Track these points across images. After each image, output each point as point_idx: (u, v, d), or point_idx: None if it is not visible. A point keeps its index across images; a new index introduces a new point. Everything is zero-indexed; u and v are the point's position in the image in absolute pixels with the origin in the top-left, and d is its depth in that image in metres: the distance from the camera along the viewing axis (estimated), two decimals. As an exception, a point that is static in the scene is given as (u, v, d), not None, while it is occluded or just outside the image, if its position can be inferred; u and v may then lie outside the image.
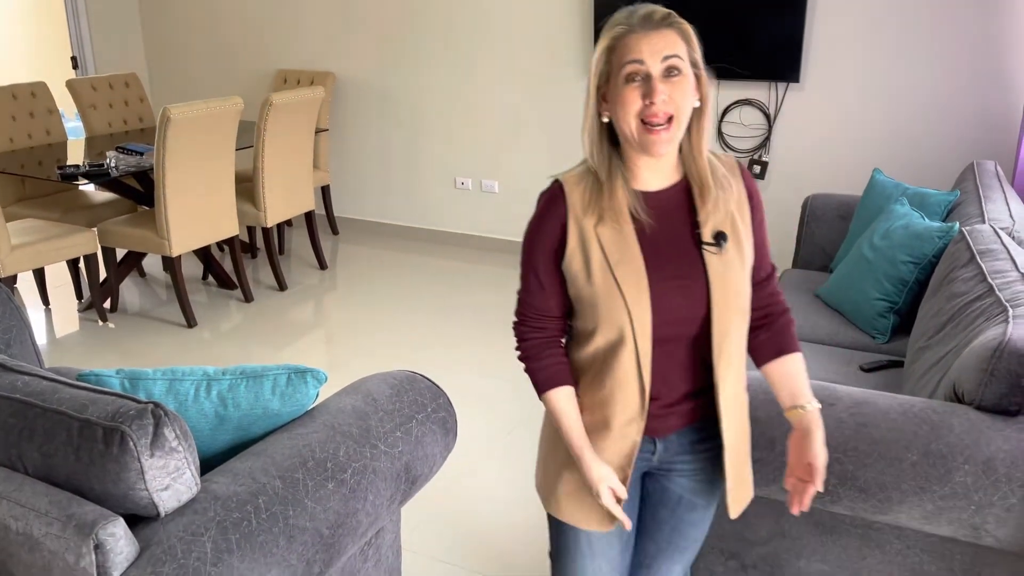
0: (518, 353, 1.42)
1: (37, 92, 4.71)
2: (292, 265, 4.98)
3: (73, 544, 1.24)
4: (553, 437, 1.46)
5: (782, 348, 1.43)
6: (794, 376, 1.42)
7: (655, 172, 1.32)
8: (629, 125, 1.24)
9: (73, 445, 1.33)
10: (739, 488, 1.43)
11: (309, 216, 4.81)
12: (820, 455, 1.35)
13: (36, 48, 7.26)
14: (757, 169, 4.25)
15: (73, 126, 5.52)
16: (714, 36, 4.09)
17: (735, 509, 1.43)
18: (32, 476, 1.38)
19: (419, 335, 3.90)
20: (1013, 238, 2.45)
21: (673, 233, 1.32)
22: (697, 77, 1.27)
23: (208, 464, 1.61)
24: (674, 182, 1.34)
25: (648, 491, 1.51)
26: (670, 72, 1.23)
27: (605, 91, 1.28)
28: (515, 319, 1.43)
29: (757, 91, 4.18)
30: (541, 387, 1.40)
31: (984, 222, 2.54)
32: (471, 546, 2.43)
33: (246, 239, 5.19)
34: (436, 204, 5.32)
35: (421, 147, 5.21)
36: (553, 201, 1.33)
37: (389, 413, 1.77)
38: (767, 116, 4.19)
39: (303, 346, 3.85)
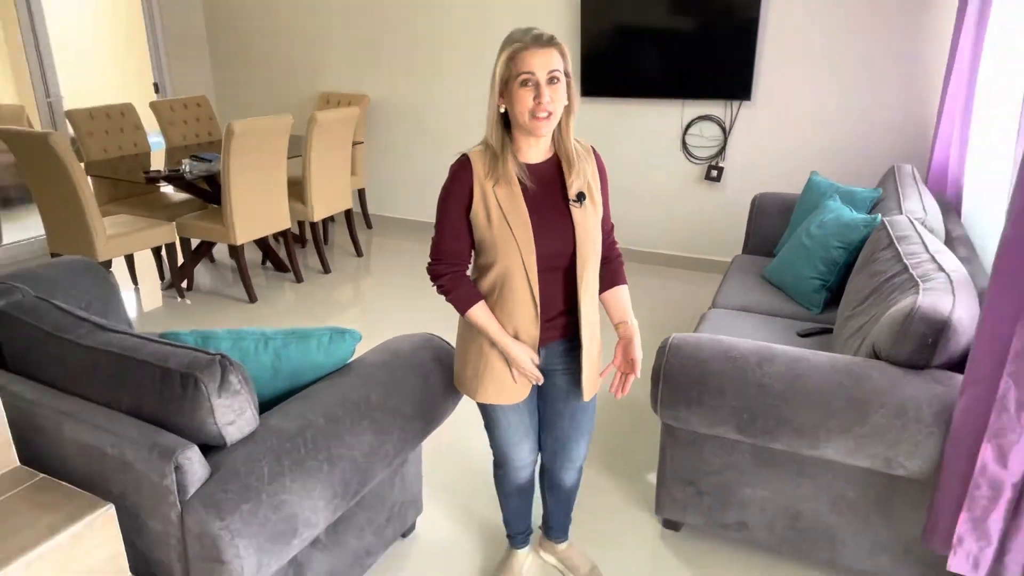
0: (439, 288, 1.58)
1: (126, 112, 4.71)
2: (335, 253, 4.99)
3: (157, 466, 1.27)
4: (473, 347, 1.63)
5: (614, 281, 1.68)
6: (621, 301, 1.67)
7: (535, 149, 1.53)
8: (523, 116, 1.44)
9: (157, 388, 1.35)
10: (591, 379, 1.66)
11: (348, 213, 4.81)
12: (639, 352, 1.61)
13: (124, 76, 7.25)
14: (715, 174, 4.24)
15: (156, 140, 5.51)
16: (680, 62, 4.08)
17: (587, 393, 1.66)
18: (125, 413, 1.41)
19: (439, 310, 3.92)
20: (925, 226, 2.45)
21: (548, 194, 1.53)
22: (568, 84, 1.46)
23: (265, 406, 1.64)
24: (548, 158, 1.54)
25: (544, 388, 1.71)
26: (552, 80, 1.43)
27: (502, 90, 1.46)
28: (430, 262, 1.58)
29: (715, 108, 4.16)
30: (465, 306, 1.57)
31: (902, 214, 2.54)
32: (480, 483, 2.45)
33: (297, 231, 5.20)
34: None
35: (443, 154, 5.20)
36: (463, 168, 1.50)
37: (412, 366, 1.79)
38: (723, 129, 4.16)
39: (344, 318, 3.86)
